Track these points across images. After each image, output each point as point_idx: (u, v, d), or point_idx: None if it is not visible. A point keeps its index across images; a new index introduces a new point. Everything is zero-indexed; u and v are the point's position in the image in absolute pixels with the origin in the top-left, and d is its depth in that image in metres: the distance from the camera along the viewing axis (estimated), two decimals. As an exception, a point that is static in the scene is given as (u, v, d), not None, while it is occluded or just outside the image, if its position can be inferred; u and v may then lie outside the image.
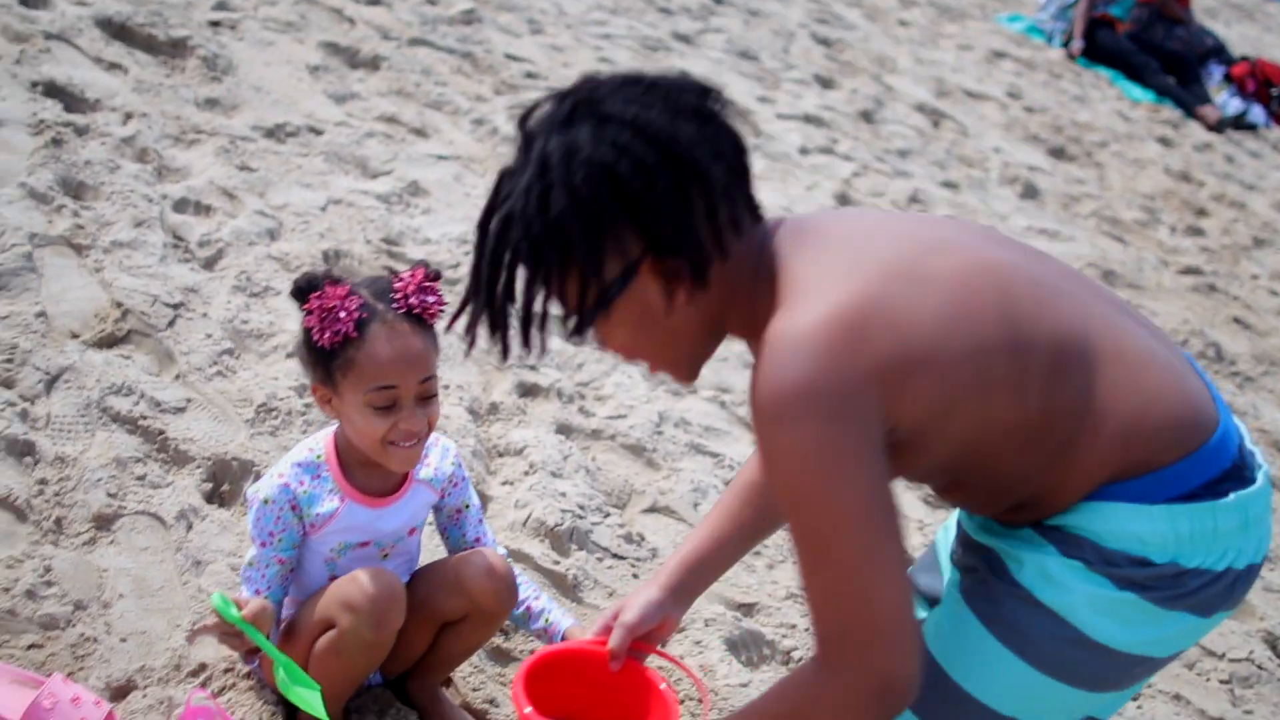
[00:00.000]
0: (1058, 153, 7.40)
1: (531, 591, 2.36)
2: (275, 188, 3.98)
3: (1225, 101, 9.60)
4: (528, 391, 3.45)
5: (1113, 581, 1.59)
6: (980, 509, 1.74)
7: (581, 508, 3.00)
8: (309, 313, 2.05)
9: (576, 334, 1.65)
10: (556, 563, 2.83)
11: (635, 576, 2.90)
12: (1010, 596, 1.65)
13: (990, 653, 1.65)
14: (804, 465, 1.48)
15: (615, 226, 1.55)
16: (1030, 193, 6.54)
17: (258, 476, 2.64)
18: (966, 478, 1.68)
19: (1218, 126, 9.07)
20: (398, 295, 2.07)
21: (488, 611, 2.23)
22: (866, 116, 6.83)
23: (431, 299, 2.09)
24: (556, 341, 3.50)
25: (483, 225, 1.62)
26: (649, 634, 2.04)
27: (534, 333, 1.62)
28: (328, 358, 2.05)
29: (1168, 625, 1.63)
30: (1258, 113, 9.71)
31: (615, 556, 2.95)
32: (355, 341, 2.02)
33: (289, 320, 3.34)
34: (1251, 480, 1.66)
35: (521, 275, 1.60)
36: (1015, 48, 9.67)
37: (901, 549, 1.54)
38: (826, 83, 7.19)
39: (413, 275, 2.08)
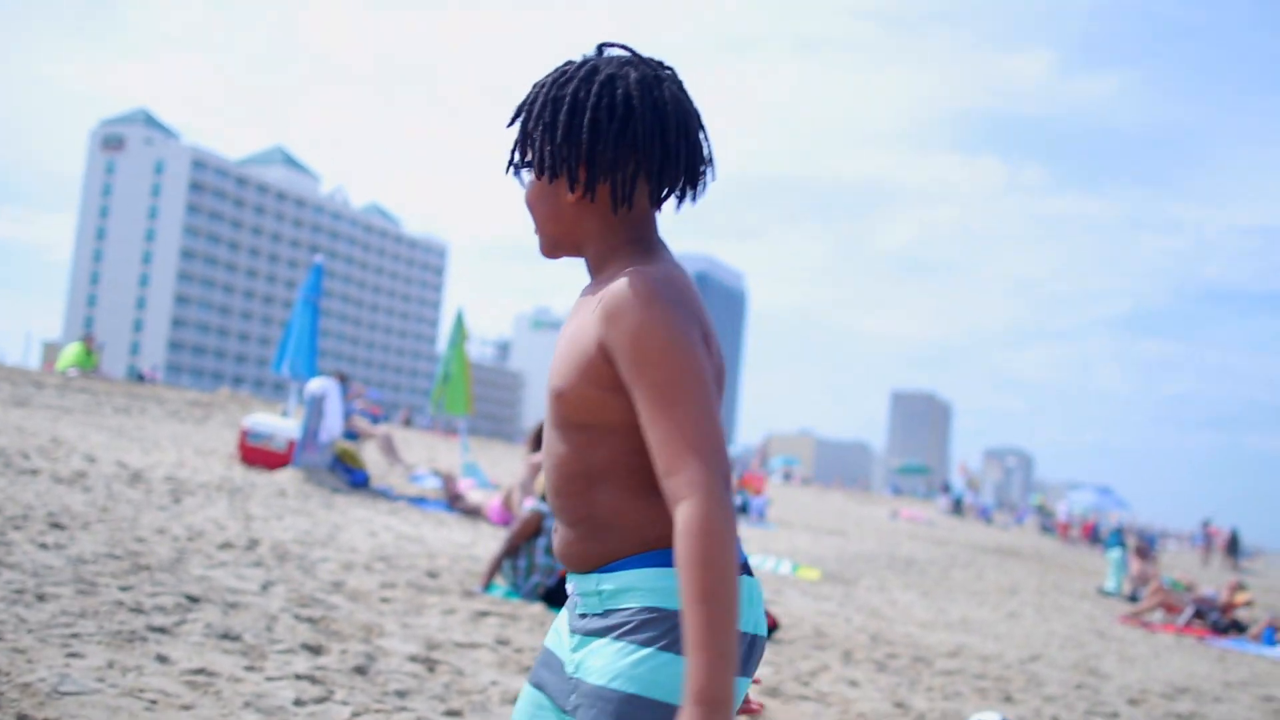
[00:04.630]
0: (553, 678, 7.64)
1: None
2: None
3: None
4: None
5: None
6: None
7: None
8: None
9: (542, 173, 2.32)
10: None
11: None
12: None
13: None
14: (670, 331, 2.11)
15: (620, 138, 2.26)
16: (532, 709, 6.66)
17: None
18: None
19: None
20: None
21: None
22: (360, 670, 6.82)
23: None
24: None
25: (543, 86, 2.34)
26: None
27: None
28: None
29: None
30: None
31: None
32: None
33: None
34: None
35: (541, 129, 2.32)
36: (496, 607, 10.12)
37: None
38: (315, 649, 7.16)
39: None
